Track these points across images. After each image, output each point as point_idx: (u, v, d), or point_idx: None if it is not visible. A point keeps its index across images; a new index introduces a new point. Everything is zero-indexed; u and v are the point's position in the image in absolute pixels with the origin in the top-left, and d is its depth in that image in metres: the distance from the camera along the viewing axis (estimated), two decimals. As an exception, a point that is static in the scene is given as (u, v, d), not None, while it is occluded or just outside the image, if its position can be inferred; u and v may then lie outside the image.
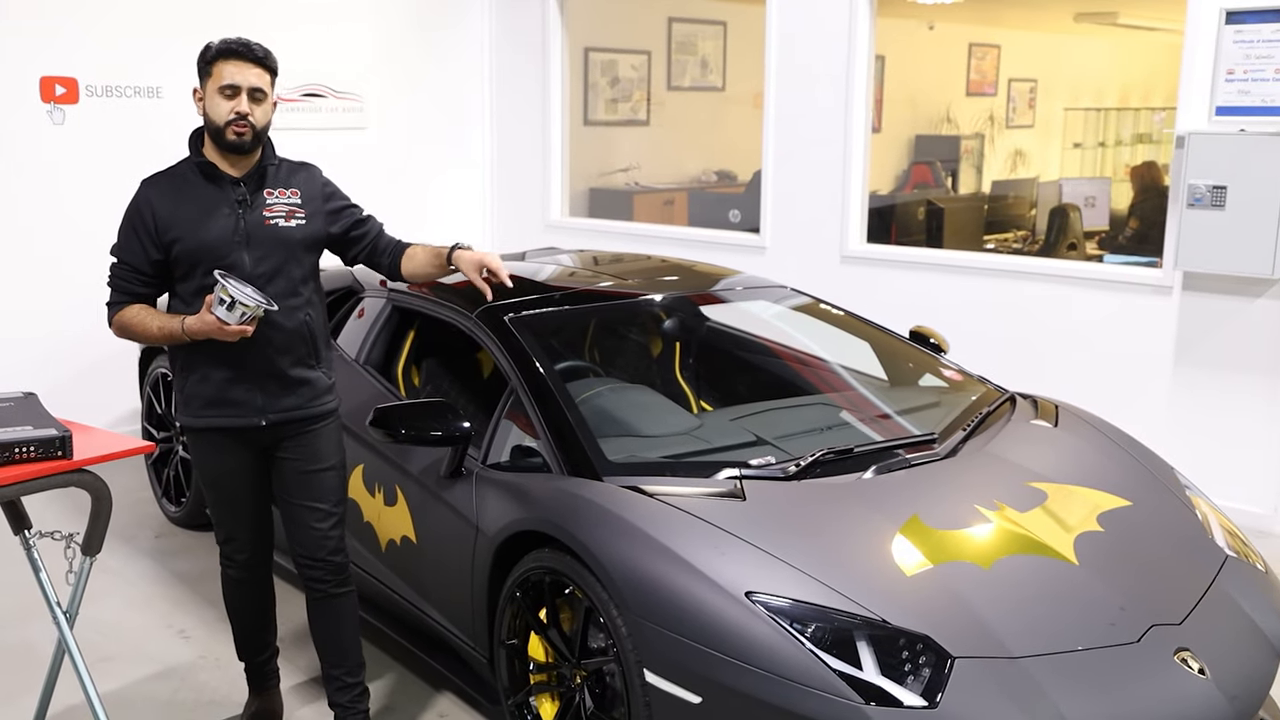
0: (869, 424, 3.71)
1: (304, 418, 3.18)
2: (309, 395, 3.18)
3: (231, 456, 3.18)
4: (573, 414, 3.33)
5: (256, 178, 3.12)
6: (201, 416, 3.14)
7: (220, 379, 3.08)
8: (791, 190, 6.29)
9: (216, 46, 3.05)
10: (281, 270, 3.10)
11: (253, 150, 3.10)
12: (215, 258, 3.02)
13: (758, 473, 3.15)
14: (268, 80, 3.08)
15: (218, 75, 3.02)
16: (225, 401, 3.10)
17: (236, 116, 3.00)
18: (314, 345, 3.19)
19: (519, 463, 3.41)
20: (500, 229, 7.78)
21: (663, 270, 4.54)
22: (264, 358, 3.08)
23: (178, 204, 3.07)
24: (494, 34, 7.60)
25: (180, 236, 3.05)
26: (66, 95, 5.72)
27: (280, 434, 3.17)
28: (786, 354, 4.43)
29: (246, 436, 3.15)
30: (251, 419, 3.11)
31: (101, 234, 5.74)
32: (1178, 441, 4.84)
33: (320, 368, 3.22)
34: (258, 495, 3.26)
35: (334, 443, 3.26)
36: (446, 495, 3.44)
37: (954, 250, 6.34)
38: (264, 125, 3.09)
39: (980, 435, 3.55)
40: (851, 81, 5.95)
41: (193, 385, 3.13)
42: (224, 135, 3.02)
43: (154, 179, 3.18)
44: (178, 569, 4.64)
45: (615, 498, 2.99)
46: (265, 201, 3.11)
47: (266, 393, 3.11)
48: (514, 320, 3.69)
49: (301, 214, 3.15)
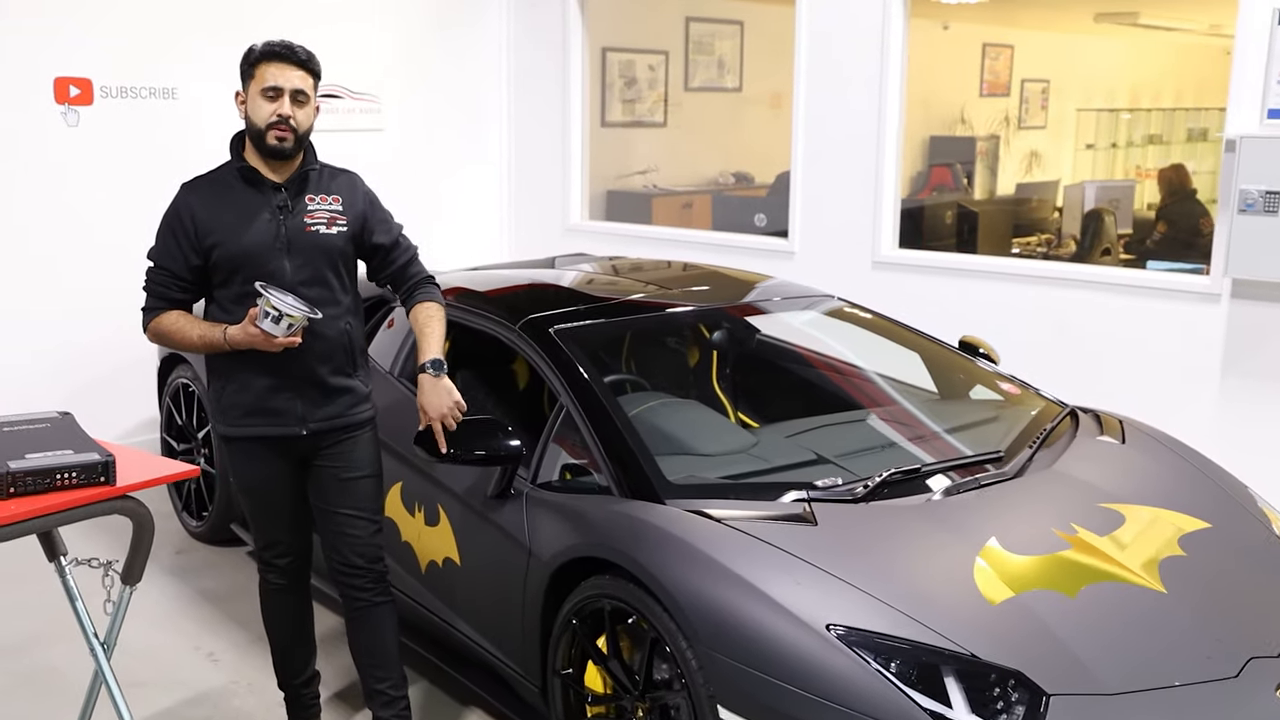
0: (930, 441, 3.58)
1: (343, 426, 3.13)
2: (348, 403, 3.12)
3: (270, 465, 3.12)
4: (629, 433, 3.19)
5: (298, 183, 3.05)
6: (241, 426, 3.07)
7: (261, 388, 3.02)
8: (821, 194, 6.16)
9: (260, 49, 2.98)
10: (322, 278, 3.04)
11: (294, 155, 3.02)
12: (255, 264, 2.95)
13: (825, 494, 3.01)
14: (310, 83, 3.01)
15: (260, 77, 2.95)
16: (265, 410, 3.04)
17: (278, 119, 2.94)
18: (352, 353, 3.14)
19: (572, 483, 3.28)
20: (518, 232, 7.63)
21: (701, 278, 4.41)
22: (305, 366, 3.02)
23: (218, 209, 3.00)
24: (512, 34, 7.45)
25: (220, 242, 2.98)
26: (81, 96, 5.57)
27: (319, 442, 3.11)
28: (831, 366, 4.29)
29: (286, 445, 3.09)
30: (292, 428, 3.05)
31: (116, 237, 5.60)
32: (1226, 454, 4.67)
33: (358, 376, 3.17)
34: (296, 501, 3.20)
35: (372, 450, 3.20)
36: (495, 516, 3.30)
37: (987, 255, 6.20)
38: (306, 129, 3.02)
39: (1045, 452, 3.42)
40: (885, 82, 5.81)
41: (232, 394, 3.05)
42: (265, 138, 2.96)
43: (194, 183, 3.10)
44: (202, 587, 4.50)
45: (681, 522, 2.86)
46: (306, 208, 3.04)
47: (307, 401, 3.05)
48: (560, 333, 3.55)
49: (343, 220, 3.08)
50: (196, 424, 4.84)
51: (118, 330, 5.73)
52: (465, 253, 7.22)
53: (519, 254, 7.43)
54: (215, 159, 3.02)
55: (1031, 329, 5.41)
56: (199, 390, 4.75)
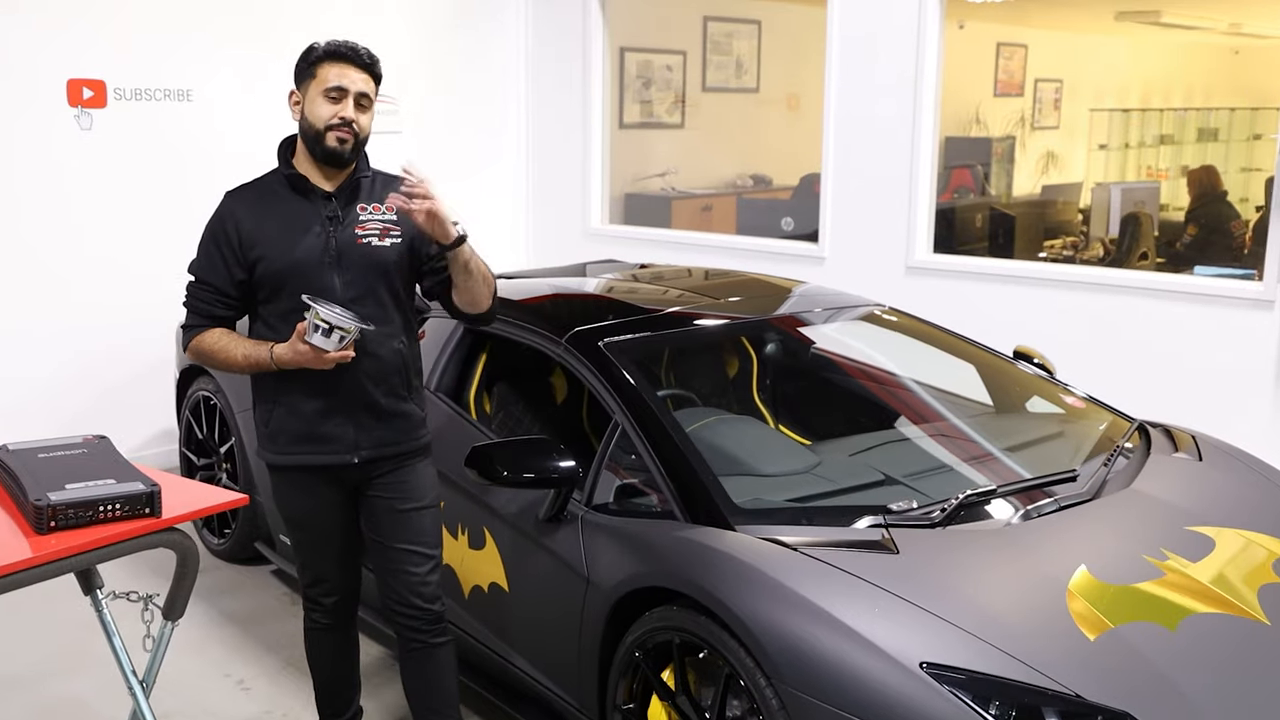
0: (997, 460, 3.42)
1: (398, 453, 2.94)
2: (403, 429, 2.94)
3: (320, 495, 2.94)
4: (692, 454, 3.02)
5: (349, 191, 2.87)
6: (289, 453, 2.88)
7: (310, 412, 2.83)
8: (852, 197, 6.00)
9: (323, 48, 2.81)
10: (374, 293, 2.84)
11: (351, 161, 2.84)
12: (302, 279, 2.78)
13: (901, 519, 2.86)
14: (373, 87, 2.85)
15: (322, 77, 2.78)
16: (315, 437, 2.85)
17: (340, 121, 2.76)
18: (407, 375, 2.94)
19: (630, 506, 3.12)
20: (538, 236, 7.47)
21: (737, 286, 4.25)
22: (357, 389, 2.84)
23: (264, 219, 2.82)
24: (531, 34, 7.28)
25: (265, 255, 2.79)
26: (94, 99, 5.39)
27: (373, 471, 2.92)
28: (881, 378, 4.13)
29: (337, 474, 2.91)
30: (344, 455, 2.87)
31: (131, 244, 5.44)
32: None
33: (413, 399, 2.98)
34: (347, 534, 3.02)
35: (429, 480, 3.01)
36: (547, 541, 3.14)
37: (1026, 260, 6.05)
38: (366, 135, 2.84)
39: (1119, 471, 3.27)
40: (920, 82, 5.66)
41: (279, 419, 2.86)
42: (324, 140, 2.78)
43: (238, 191, 2.91)
44: (227, 609, 4.32)
45: (755, 551, 2.70)
46: (358, 218, 2.85)
47: (360, 427, 2.86)
48: (610, 346, 3.39)
49: (397, 231, 2.88)
50: (218, 438, 4.67)
51: (133, 340, 5.58)
52: (484, 257, 7.04)
53: (538, 259, 7.27)
54: (231, 162, 2.86)
55: (1074, 336, 5.26)
56: (220, 403, 4.58)
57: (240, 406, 4.43)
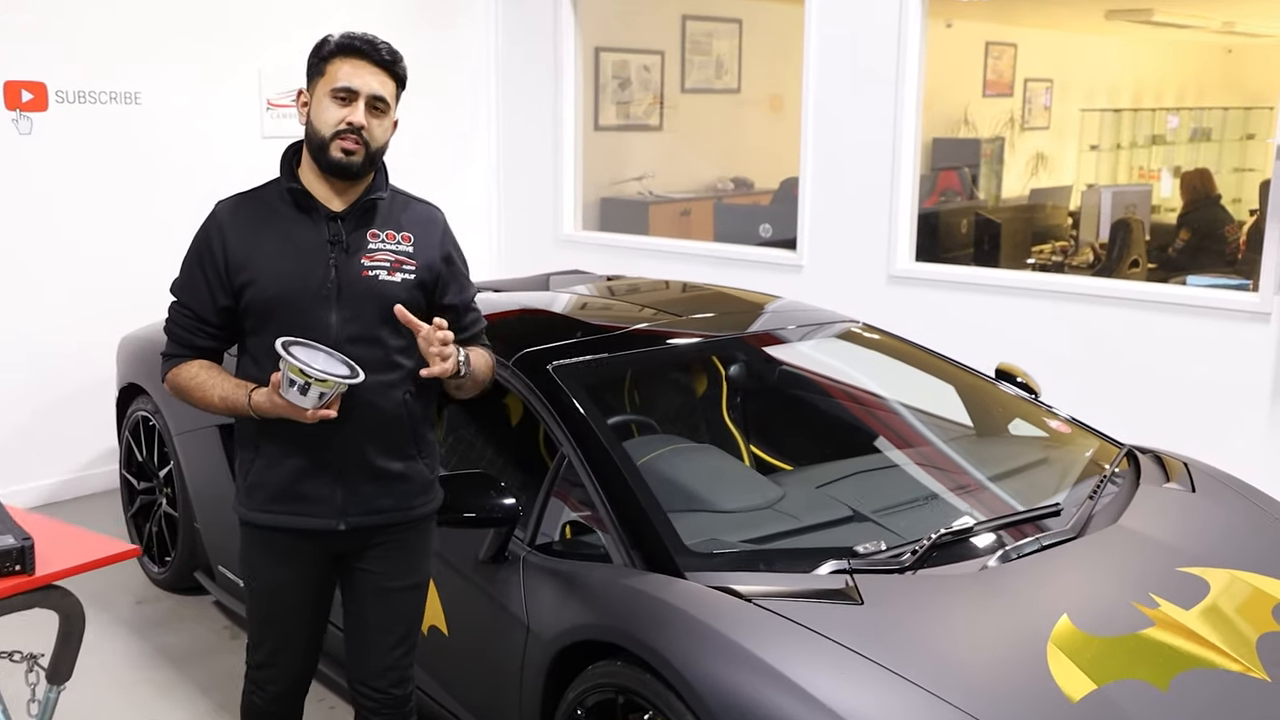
0: (975, 491, 3.19)
1: (394, 523, 2.54)
2: (403, 494, 2.53)
3: (295, 565, 2.54)
4: (642, 491, 2.78)
5: (360, 213, 2.46)
6: (265, 512, 2.50)
7: (293, 467, 2.45)
8: (832, 202, 5.76)
9: (336, 41, 2.44)
10: (374, 335, 2.42)
11: (362, 176, 2.45)
12: (294, 313, 2.39)
13: (867, 563, 2.61)
14: (392, 90, 2.46)
15: (331, 75, 2.40)
16: (296, 496, 2.46)
17: (348, 127, 2.37)
18: (413, 430, 2.52)
19: (575, 546, 2.88)
20: (508, 244, 7.21)
21: (707, 301, 4.02)
22: (349, 444, 2.44)
23: (256, 237, 2.42)
24: (501, 33, 7.03)
25: (254, 279, 2.40)
26: (34, 102, 5.13)
27: (362, 541, 2.53)
28: (856, 399, 3.90)
29: (319, 541, 2.51)
30: (327, 520, 2.47)
31: (76, 252, 5.17)
32: (1278, 485, 4.34)
33: (421, 459, 2.56)
34: (316, 615, 2.63)
35: (425, 553, 2.63)
36: (487, 584, 2.90)
37: (1013, 269, 5.81)
38: (380, 145, 2.44)
39: (1106, 503, 3.03)
40: (902, 83, 5.42)
41: (259, 472, 2.49)
42: (328, 150, 2.38)
43: (232, 202, 2.51)
44: (163, 644, 4.07)
45: (706, 604, 2.45)
46: (366, 245, 2.44)
47: (349, 489, 2.47)
48: (560, 370, 3.15)
49: (411, 266, 2.47)
50: (158, 461, 4.42)
51: (80, 348, 5.33)
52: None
53: (509, 267, 7.02)
54: (184, 168, 2.52)
55: (1062, 349, 5.02)
56: (159, 425, 4.32)
57: (179, 429, 4.19)
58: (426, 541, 2.63)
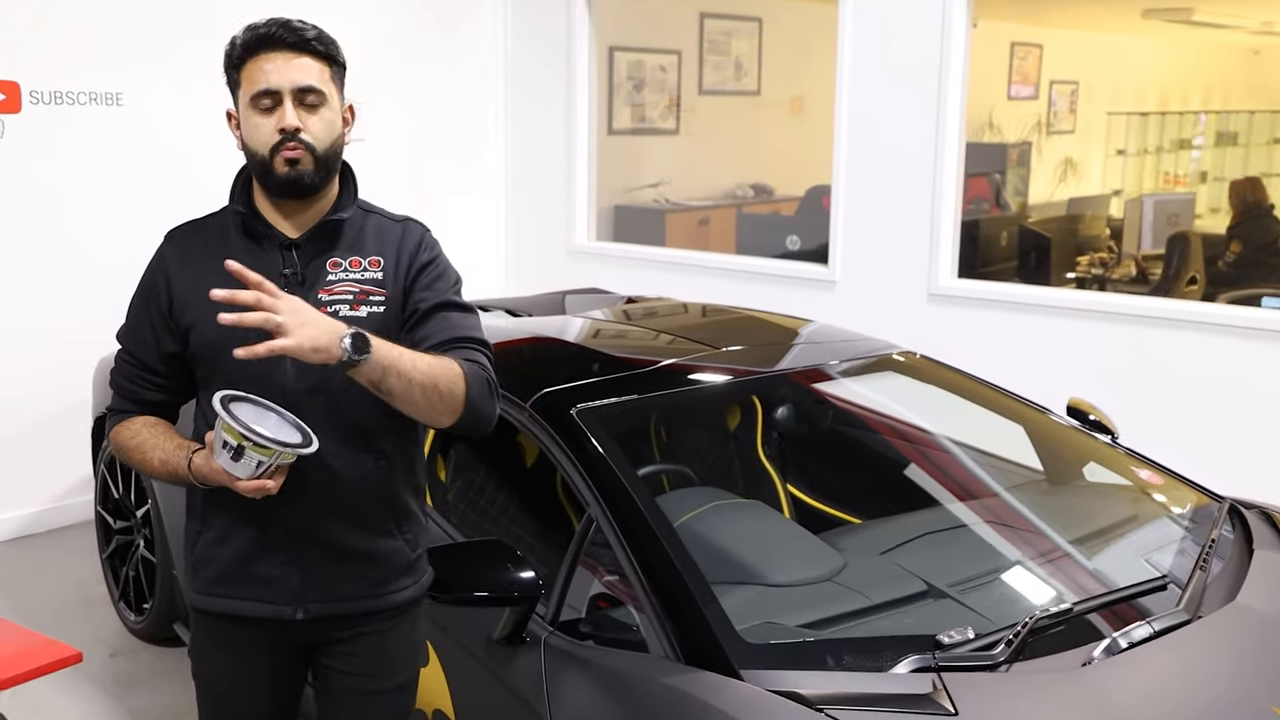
0: (1063, 558, 2.77)
1: (365, 612, 2.12)
2: (378, 578, 2.12)
3: (246, 659, 2.14)
4: (685, 565, 2.36)
5: (319, 237, 2.06)
6: (210, 595, 2.12)
7: (242, 543, 2.06)
8: (867, 213, 5.35)
9: (242, 37, 2.01)
10: (340, 386, 1.96)
11: (320, 189, 2.03)
12: (242, 361, 1.86)
13: (954, 658, 2.20)
14: (326, 75, 2.01)
15: (249, 80, 1.99)
16: (245, 578, 2.07)
17: (283, 136, 1.96)
18: (391, 501, 2.12)
19: (605, 626, 2.46)
20: (517, 255, 6.79)
21: (738, 328, 3.62)
22: (310, 518, 2.04)
23: (202, 272, 2.00)
24: (510, 32, 6.62)
25: (198, 321, 2.01)
26: (7, 103, 4.73)
27: (328, 633, 2.13)
28: (910, 438, 3.48)
29: (274, 632, 2.11)
30: (280, 608, 2.07)
31: (53, 265, 4.76)
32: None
33: (401, 535, 2.14)
34: (277, 716, 2.22)
35: (409, 648, 2.21)
36: (501, 668, 2.49)
37: (1063, 288, 5.40)
38: (329, 148, 2.00)
39: (1218, 575, 2.62)
40: (944, 84, 5.02)
41: (204, 547, 2.11)
42: (272, 169, 1.98)
43: (180, 232, 2.14)
44: (136, 707, 3.66)
45: (767, 711, 2.04)
46: (326, 276, 2.04)
47: (307, 570, 2.07)
48: (585, 415, 2.74)
49: (380, 296, 2.05)
50: (135, 499, 4.02)
51: (54, 371, 4.92)
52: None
53: (519, 281, 6.61)
54: (171, 175, 2.10)
55: (1121, 378, 4.61)
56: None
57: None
58: (409, 633, 2.21)
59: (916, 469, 3.36)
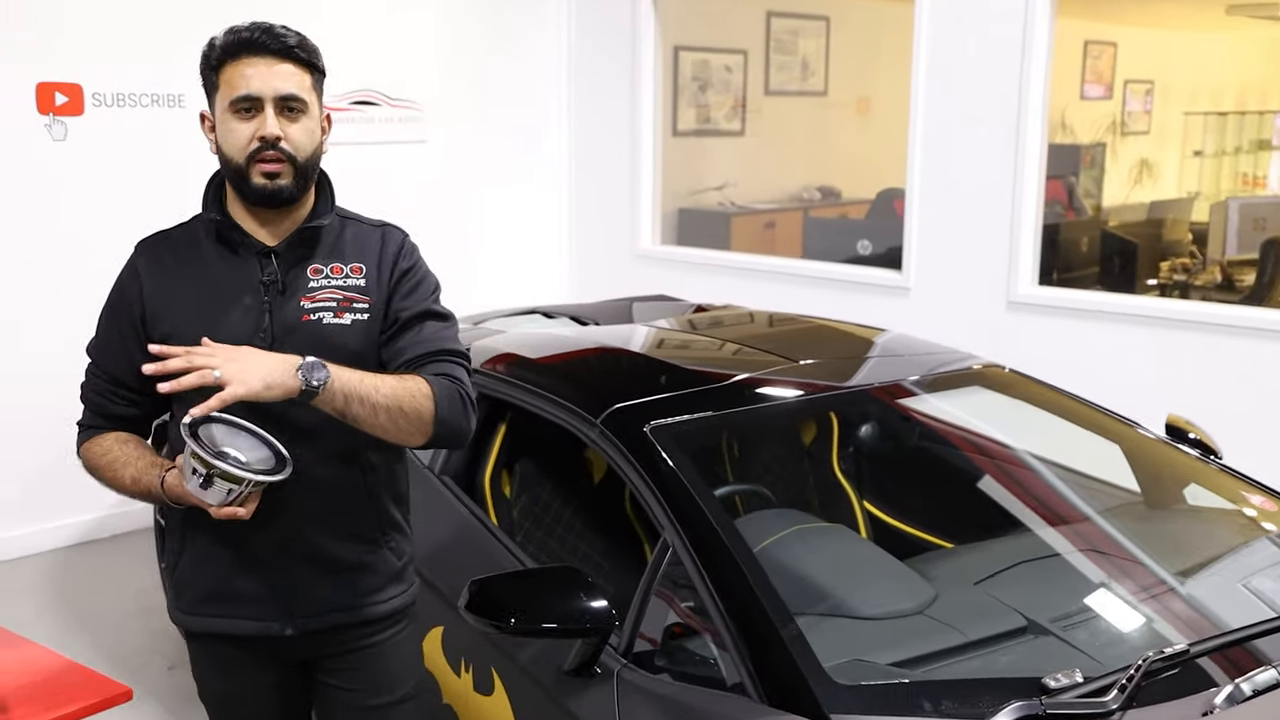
0: (1170, 593, 2.58)
1: (356, 623, 2.10)
2: (363, 589, 2.10)
3: (242, 677, 2.13)
4: (768, 597, 2.22)
5: (297, 245, 2.03)
6: (197, 615, 2.09)
7: (224, 561, 2.03)
8: (943, 217, 5.17)
9: (223, 40, 2.00)
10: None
11: (297, 200, 2.00)
12: None
13: (1062, 704, 2.03)
14: (305, 83, 2.00)
15: (228, 84, 1.97)
16: (230, 596, 2.04)
17: (261, 143, 1.93)
18: (377, 511, 2.10)
19: (682, 660, 2.32)
20: (581, 258, 6.68)
21: (811, 338, 3.46)
22: (296, 530, 2.01)
23: (175, 282, 2.02)
24: (575, 29, 6.50)
25: (173, 333, 1.96)
26: (69, 105, 4.70)
27: (321, 648, 2.11)
28: (999, 458, 3.30)
29: (265, 649, 2.09)
30: (269, 624, 2.05)
31: (113, 268, 4.71)
32: None
33: (386, 543, 2.13)
34: None
35: (406, 659, 2.20)
36: (571, 702, 2.35)
37: (1167, 299, 5.16)
38: (309, 158, 1.99)
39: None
40: (1026, 84, 4.81)
41: (186, 567, 2.08)
42: (248, 177, 1.95)
43: (151, 242, 2.11)
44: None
45: (862, 764, 1.89)
46: (307, 284, 2.01)
47: (296, 585, 2.04)
48: (659, 432, 2.60)
49: (364, 303, 2.03)
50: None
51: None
52: (519, 284, 6.30)
53: (582, 285, 6.49)
54: None
55: (1220, 393, 4.38)
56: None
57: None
58: (404, 645, 2.20)
59: (1004, 490, 3.17)
